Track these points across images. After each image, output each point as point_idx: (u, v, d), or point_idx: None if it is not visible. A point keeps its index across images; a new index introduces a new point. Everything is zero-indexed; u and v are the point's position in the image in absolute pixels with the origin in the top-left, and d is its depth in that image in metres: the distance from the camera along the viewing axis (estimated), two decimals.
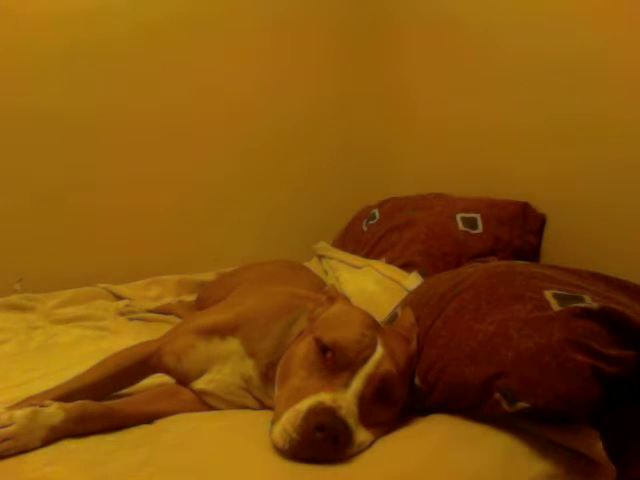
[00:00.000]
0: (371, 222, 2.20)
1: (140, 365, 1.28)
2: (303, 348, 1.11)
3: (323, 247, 2.36)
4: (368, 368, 1.05)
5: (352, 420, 0.98)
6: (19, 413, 1.01)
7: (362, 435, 1.00)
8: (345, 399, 1.00)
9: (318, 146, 2.63)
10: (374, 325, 1.17)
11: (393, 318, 1.37)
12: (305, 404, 0.98)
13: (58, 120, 2.16)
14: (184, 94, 2.36)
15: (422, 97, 2.41)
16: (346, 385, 1.02)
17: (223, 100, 2.43)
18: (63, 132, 2.18)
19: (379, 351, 1.08)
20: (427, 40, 2.35)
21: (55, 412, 1.04)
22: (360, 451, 0.99)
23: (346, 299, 1.29)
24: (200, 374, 1.27)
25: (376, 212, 2.22)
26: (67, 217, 2.22)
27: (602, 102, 1.64)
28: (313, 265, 2.26)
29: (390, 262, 1.92)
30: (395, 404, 1.09)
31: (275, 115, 2.54)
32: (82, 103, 2.19)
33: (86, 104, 2.20)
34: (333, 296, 1.28)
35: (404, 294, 1.58)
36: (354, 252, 2.15)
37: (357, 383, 1.03)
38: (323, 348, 1.07)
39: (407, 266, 1.85)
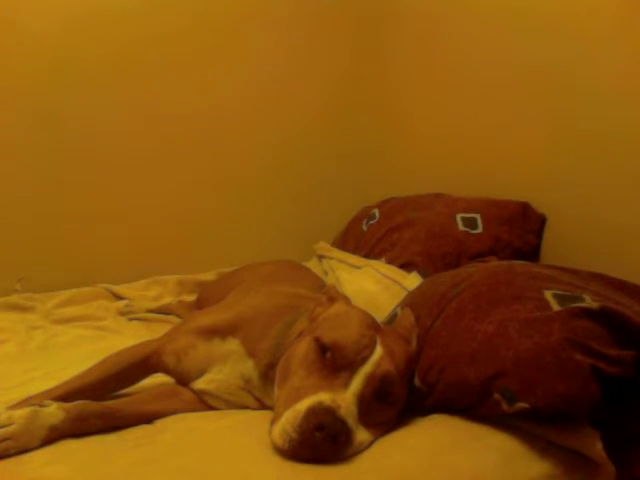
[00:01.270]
0: (371, 222, 2.19)
1: (140, 365, 1.28)
2: (303, 348, 1.12)
3: (323, 247, 2.36)
4: (367, 368, 1.05)
5: (351, 420, 0.98)
6: (19, 413, 1.01)
7: (361, 435, 1.01)
8: (344, 399, 1.00)
9: (318, 146, 2.63)
10: (374, 325, 1.17)
11: (393, 318, 1.37)
12: (304, 404, 0.98)
13: (58, 120, 2.16)
14: (185, 97, 2.36)
15: (422, 97, 2.40)
16: (345, 385, 1.02)
17: (224, 102, 2.43)
18: (63, 133, 2.18)
19: (378, 351, 1.08)
20: (427, 41, 2.35)
21: (55, 412, 1.04)
22: (360, 451, 0.99)
23: (346, 299, 1.29)
24: (200, 374, 1.27)
25: (376, 212, 2.22)
26: (67, 217, 2.22)
27: (602, 102, 1.64)
28: (313, 265, 2.26)
29: (390, 262, 1.91)
30: (395, 404, 1.09)
31: (275, 116, 2.54)
32: (82, 104, 2.19)
33: (86, 105, 2.20)
34: (333, 296, 1.28)
35: (404, 294, 1.58)
36: (354, 252, 2.15)
37: (356, 383, 1.03)
38: (322, 348, 1.07)
39: (407, 266, 1.85)
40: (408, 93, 2.48)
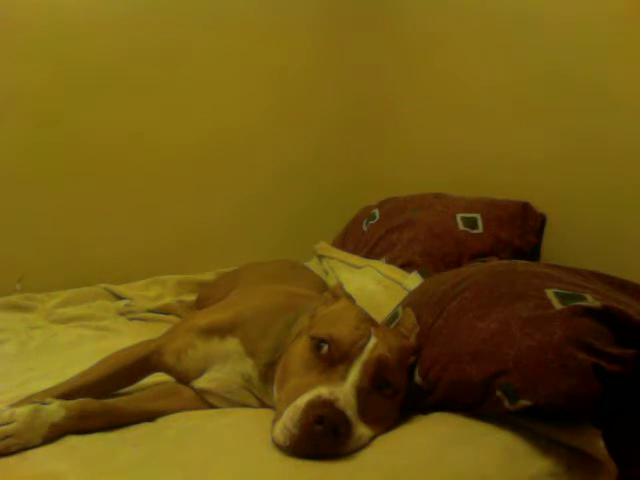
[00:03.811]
0: (371, 222, 2.19)
1: (140, 364, 1.28)
2: (300, 347, 1.13)
3: (323, 247, 2.36)
4: (363, 357, 1.06)
5: (350, 411, 0.99)
6: (20, 410, 1.01)
7: (361, 429, 1.01)
8: (342, 391, 1.01)
9: (318, 146, 2.63)
10: (369, 320, 1.19)
11: (394, 318, 1.37)
12: (304, 399, 0.99)
13: (58, 119, 2.16)
14: (184, 100, 2.38)
15: (422, 96, 2.41)
16: (343, 377, 1.04)
17: (223, 103, 2.43)
18: (63, 132, 2.18)
19: (373, 340, 1.10)
20: (425, 38, 2.36)
21: (56, 410, 1.04)
22: (361, 445, 1.00)
23: (350, 298, 1.29)
24: (200, 373, 1.27)
25: (376, 212, 2.22)
26: (67, 217, 2.23)
27: (603, 101, 1.65)
28: (313, 265, 2.26)
29: (390, 262, 1.91)
30: (393, 395, 1.09)
31: (275, 115, 2.55)
32: (82, 105, 2.20)
33: (86, 106, 2.21)
34: (338, 294, 1.29)
35: (404, 294, 1.57)
36: (354, 252, 2.15)
37: (354, 374, 1.04)
38: (319, 343, 1.08)
39: (407, 266, 1.85)
40: (408, 93, 2.48)
